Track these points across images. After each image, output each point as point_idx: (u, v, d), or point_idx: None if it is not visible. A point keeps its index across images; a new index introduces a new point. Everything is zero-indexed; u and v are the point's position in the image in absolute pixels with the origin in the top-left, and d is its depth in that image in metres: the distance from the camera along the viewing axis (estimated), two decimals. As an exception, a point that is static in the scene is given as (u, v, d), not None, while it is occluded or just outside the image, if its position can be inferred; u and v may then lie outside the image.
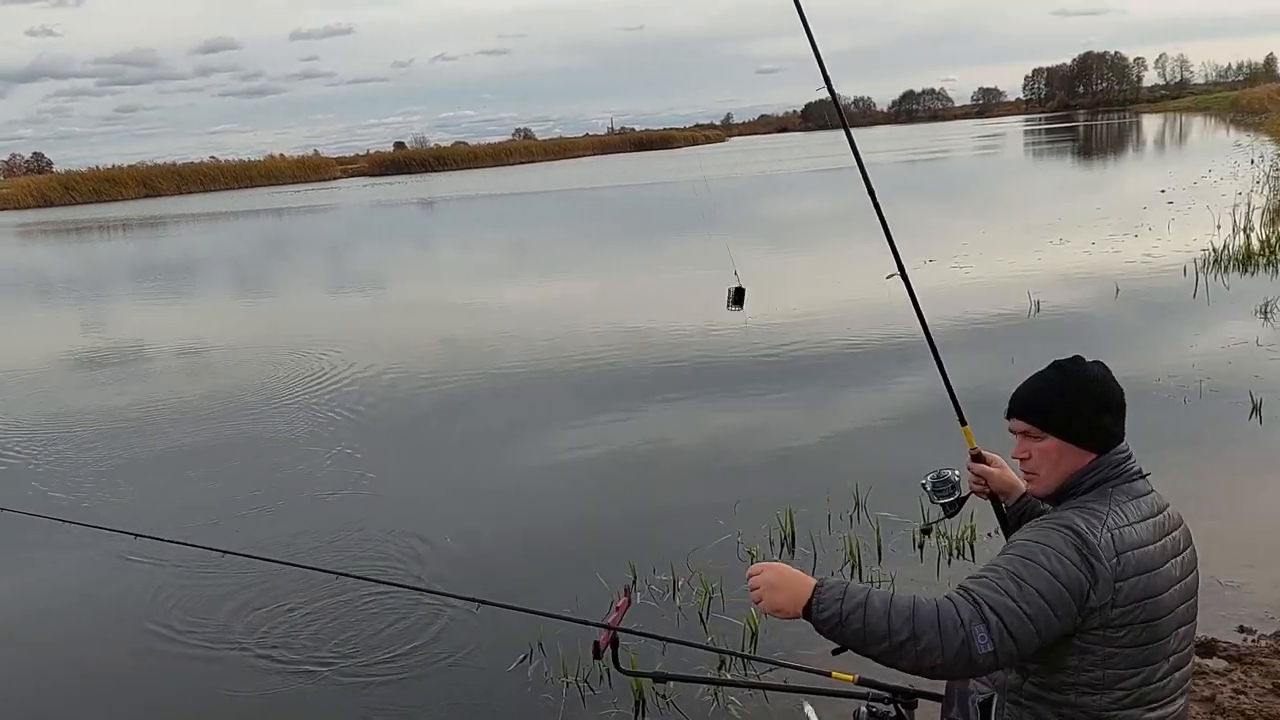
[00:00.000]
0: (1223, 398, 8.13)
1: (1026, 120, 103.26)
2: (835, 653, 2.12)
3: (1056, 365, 2.32)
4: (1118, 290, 12.56)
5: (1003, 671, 2.27)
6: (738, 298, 3.18)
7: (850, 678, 2.87)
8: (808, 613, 2.10)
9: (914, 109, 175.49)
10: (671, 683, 4.51)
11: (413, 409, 10.06)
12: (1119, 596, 2.08)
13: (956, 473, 2.89)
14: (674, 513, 6.87)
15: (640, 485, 7.52)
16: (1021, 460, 2.32)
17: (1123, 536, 2.11)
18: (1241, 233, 15.66)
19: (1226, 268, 13.56)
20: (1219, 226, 16.49)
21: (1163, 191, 23.10)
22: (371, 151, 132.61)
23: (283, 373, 11.94)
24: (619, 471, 7.87)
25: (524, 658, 5.05)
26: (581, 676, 4.83)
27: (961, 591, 2.07)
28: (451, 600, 5.39)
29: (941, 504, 2.88)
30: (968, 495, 2.88)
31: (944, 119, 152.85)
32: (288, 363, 12.48)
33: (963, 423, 2.94)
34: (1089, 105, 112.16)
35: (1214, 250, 14.34)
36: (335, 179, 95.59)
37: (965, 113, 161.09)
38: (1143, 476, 2.27)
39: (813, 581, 2.14)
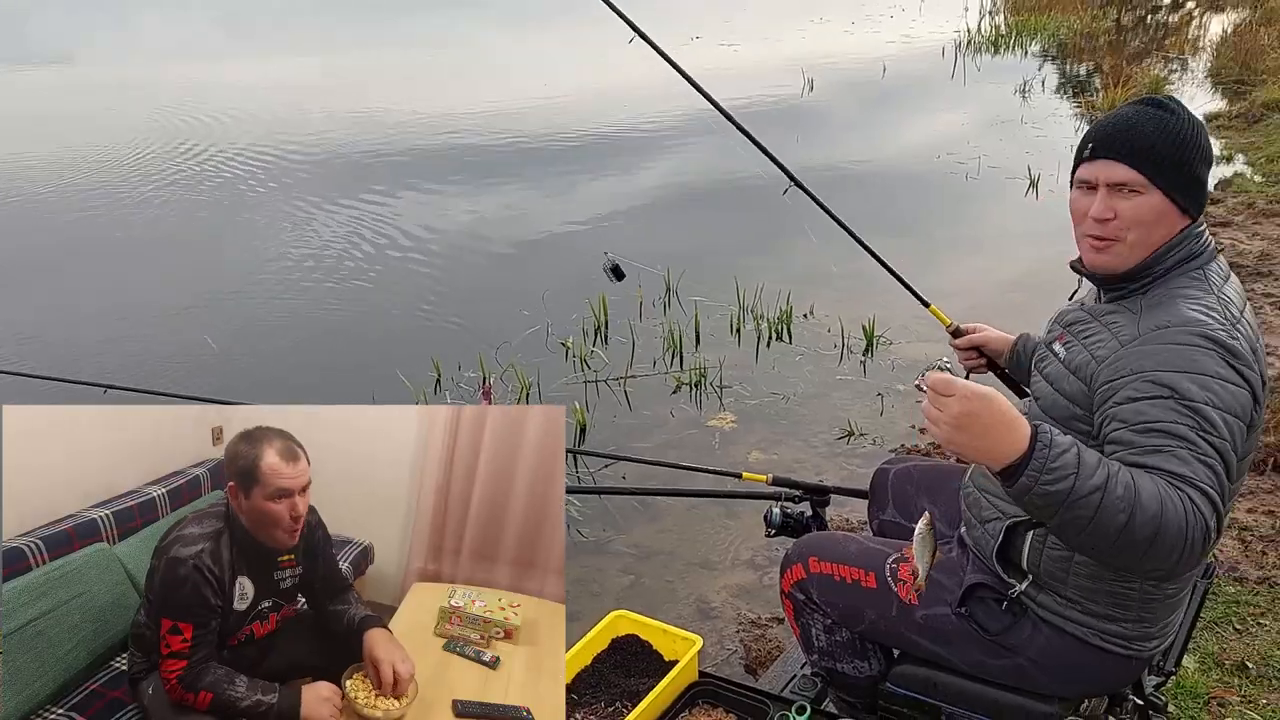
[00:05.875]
0: (1001, 173, 8.35)
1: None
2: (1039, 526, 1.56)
3: (1156, 103, 1.76)
4: (885, 69, 12.61)
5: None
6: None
7: (763, 478, 2.61)
8: (1016, 470, 1.45)
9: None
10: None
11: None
12: (1260, 408, 1.66)
13: (945, 360, 2.53)
14: (474, 303, 6.37)
15: (428, 276, 6.87)
16: (1101, 222, 1.74)
17: (1250, 327, 1.70)
18: (988, 15, 16.11)
19: (979, 49, 13.93)
20: (966, 9, 16.85)
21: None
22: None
23: None
24: (398, 263, 7.13)
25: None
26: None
27: (1170, 478, 1.48)
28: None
29: None
30: (967, 377, 2.55)
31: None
32: None
33: (926, 304, 2.64)
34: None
35: (967, 32, 14.68)
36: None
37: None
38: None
39: (1026, 426, 1.47)
